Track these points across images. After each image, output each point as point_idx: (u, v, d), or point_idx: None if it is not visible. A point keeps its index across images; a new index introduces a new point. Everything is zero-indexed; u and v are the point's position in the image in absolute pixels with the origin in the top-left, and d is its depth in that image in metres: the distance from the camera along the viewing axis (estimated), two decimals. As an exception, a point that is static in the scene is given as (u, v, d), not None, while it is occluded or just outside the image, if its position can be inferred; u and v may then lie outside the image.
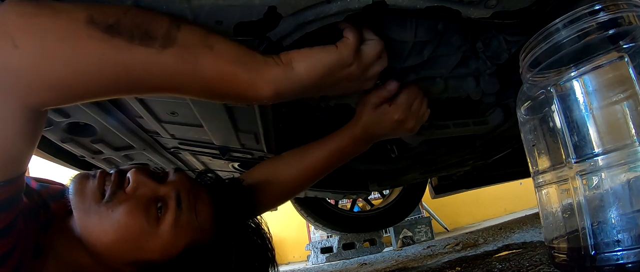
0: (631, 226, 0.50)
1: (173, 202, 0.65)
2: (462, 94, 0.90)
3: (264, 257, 0.77)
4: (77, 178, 0.64)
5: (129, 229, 0.61)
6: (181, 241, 0.65)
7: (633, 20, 0.51)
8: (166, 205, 0.65)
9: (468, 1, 0.55)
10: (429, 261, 1.73)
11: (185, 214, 0.66)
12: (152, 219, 0.63)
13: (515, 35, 0.74)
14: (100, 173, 0.64)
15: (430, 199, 2.80)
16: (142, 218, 0.62)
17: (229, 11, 0.50)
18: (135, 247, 0.62)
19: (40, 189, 0.68)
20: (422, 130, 0.96)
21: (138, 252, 0.63)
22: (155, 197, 0.65)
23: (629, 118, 0.51)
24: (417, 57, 0.76)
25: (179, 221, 0.65)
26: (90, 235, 0.61)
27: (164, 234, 0.63)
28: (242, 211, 0.76)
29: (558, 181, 0.60)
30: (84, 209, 0.61)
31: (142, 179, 0.64)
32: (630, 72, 0.51)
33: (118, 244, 0.61)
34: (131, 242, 0.62)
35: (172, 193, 0.65)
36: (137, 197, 0.63)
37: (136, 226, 0.61)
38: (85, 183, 0.63)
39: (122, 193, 0.63)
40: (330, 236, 3.20)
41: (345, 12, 0.54)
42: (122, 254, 0.62)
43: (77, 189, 0.62)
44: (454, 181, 2.14)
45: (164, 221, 0.64)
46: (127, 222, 0.61)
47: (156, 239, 0.63)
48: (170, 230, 0.64)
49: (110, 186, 0.63)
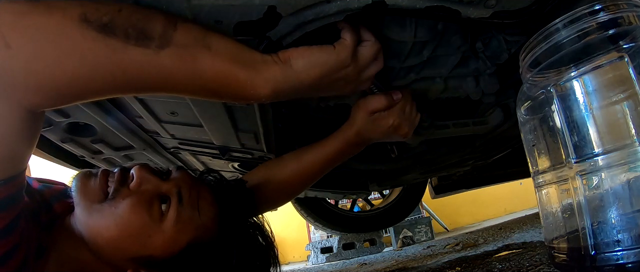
0: (631, 226, 0.50)
1: (175, 198, 0.65)
2: (462, 94, 0.90)
3: (266, 257, 0.77)
4: (80, 176, 0.64)
5: (131, 224, 0.61)
6: (183, 238, 0.66)
7: (633, 20, 0.51)
8: (168, 201, 0.65)
9: (468, 1, 0.55)
10: (429, 261, 1.73)
11: (187, 210, 0.66)
12: (155, 214, 0.63)
13: (515, 35, 0.74)
14: (103, 171, 0.65)
15: (430, 199, 2.80)
16: (145, 214, 0.62)
17: (229, 11, 0.50)
18: (137, 242, 0.62)
19: (42, 190, 0.68)
20: (422, 131, 0.96)
21: (140, 248, 0.63)
22: (158, 193, 0.65)
23: (629, 118, 0.51)
24: (417, 57, 0.76)
25: (181, 217, 0.65)
26: (93, 231, 0.61)
27: (166, 230, 0.64)
28: (245, 210, 0.76)
29: (558, 181, 0.60)
30: (87, 206, 0.62)
31: (145, 175, 0.65)
32: (630, 72, 0.51)
33: (120, 240, 0.61)
34: (133, 238, 0.62)
35: (174, 189, 0.66)
36: (140, 193, 0.63)
37: (139, 221, 0.62)
38: (88, 181, 0.63)
39: (126, 189, 0.63)
40: (330, 236, 3.20)
41: (345, 11, 0.54)
42: (124, 250, 0.62)
43: (80, 186, 0.63)
44: (454, 181, 2.14)
45: (167, 217, 0.64)
46: (130, 218, 0.61)
47: (158, 234, 0.63)
48: (173, 226, 0.64)
49: (113, 183, 0.63)
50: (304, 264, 3.37)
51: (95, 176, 0.64)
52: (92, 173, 0.65)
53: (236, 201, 0.74)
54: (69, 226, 0.63)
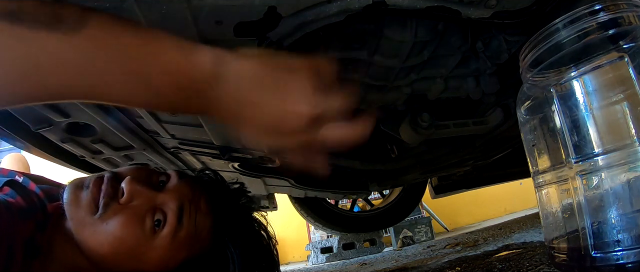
0: (631, 226, 0.50)
1: (174, 215, 0.62)
2: (462, 94, 0.90)
3: (266, 263, 0.76)
4: (72, 187, 0.61)
5: (123, 242, 0.59)
6: (180, 254, 0.64)
7: (633, 20, 0.51)
8: (165, 217, 0.62)
9: (468, 1, 0.55)
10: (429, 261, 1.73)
11: (185, 228, 0.63)
12: (149, 230, 0.60)
13: (515, 35, 0.74)
14: (95, 182, 0.61)
15: (430, 199, 2.80)
16: (138, 230, 0.59)
17: (229, 11, 0.50)
18: (131, 258, 0.61)
19: (39, 190, 0.67)
20: (422, 131, 0.96)
21: (135, 264, 0.61)
22: (152, 206, 0.62)
23: (628, 118, 0.51)
24: (417, 57, 0.76)
25: (177, 235, 0.62)
26: (87, 246, 0.60)
27: (160, 247, 0.61)
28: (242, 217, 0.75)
29: (558, 181, 0.60)
30: (79, 221, 0.59)
31: (136, 189, 0.61)
32: (630, 72, 0.51)
33: (114, 256, 0.59)
34: (127, 255, 0.60)
35: (173, 205, 0.63)
36: (131, 208, 0.60)
37: (131, 238, 0.59)
38: (80, 193, 0.60)
39: (116, 204, 0.60)
40: (330, 236, 3.20)
41: (346, 12, 0.54)
42: (119, 266, 0.61)
43: (71, 199, 0.60)
44: (454, 181, 2.14)
45: (161, 233, 0.61)
46: (121, 235, 0.58)
47: (153, 251, 0.61)
48: (168, 243, 0.62)
49: (102, 197, 0.60)
50: (304, 264, 3.37)
51: (87, 187, 0.61)
52: (85, 184, 0.61)
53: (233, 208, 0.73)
54: (66, 230, 0.62)
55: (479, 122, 1.01)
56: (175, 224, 0.62)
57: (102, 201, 0.59)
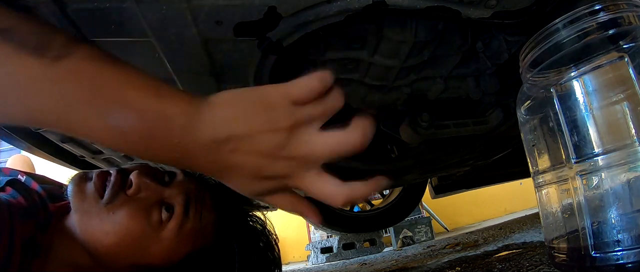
0: (631, 226, 0.50)
1: (181, 208, 0.63)
2: (462, 94, 0.90)
3: (267, 261, 0.76)
4: (76, 179, 0.62)
5: (129, 232, 0.60)
6: (184, 248, 0.65)
7: (633, 20, 0.51)
8: (172, 210, 0.63)
9: (468, 1, 0.55)
10: (429, 261, 1.73)
11: (191, 221, 0.64)
12: (155, 223, 0.61)
13: (515, 35, 0.74)
14: (99, 174, 0.63)
15: (430, 199, 2.80)
16: (144, 222, 0.61)
17: (229, 11, 0.50)
18: (136, 250, 0.61)
19: (41, 189, 0.67)
20: (422, 131, 0.96)
21: (139, 256, 0.62)
22: (159, 199, 0.63)
23: (628, 118, 0.51)
24: (417, 57, 0.76)
25: (183, 228, 0.63)
26: (91, 236, 0.60)
27: (166, 239, 0.62)
28: (244, 214, 0.76)
29: (558, 181, 0.60)
30: (84, 211, 0.60)
31: (144, 181, 0.62)
32: (630, 72, 0.51)
33: (119, 247, 0.60)
34: (132, 246, 0.61)
35: (180, 198, 0.64)
36: (139, 200, 0.61)
37: (137, 229, 0.60)
38: (84, 184, 0.61)
39: (124, 195, 0.61)
40: (330, 236, 3.20)
41: (346, 12, 0.54)
42: (123, 257, 0.61)
43: (76, 190, 0.61)
44: (454, 181, 2.14)
45: (167, 226, 0.62)
46: (128, 225, 0.59)
47: (158, 243, 0.62)
48: (174, 236, 0.63)
49: (111, 186, 0.61)
50: (304, 264, 3.37)
51: (91, 179, 0.62)
52: (88, 177, 0.62)
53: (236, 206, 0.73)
54: (68, 228, 0.62)
55: (479, 122, 1.01)
56: (182, 216, 0.63)
57: (110, 190, 0.60)
